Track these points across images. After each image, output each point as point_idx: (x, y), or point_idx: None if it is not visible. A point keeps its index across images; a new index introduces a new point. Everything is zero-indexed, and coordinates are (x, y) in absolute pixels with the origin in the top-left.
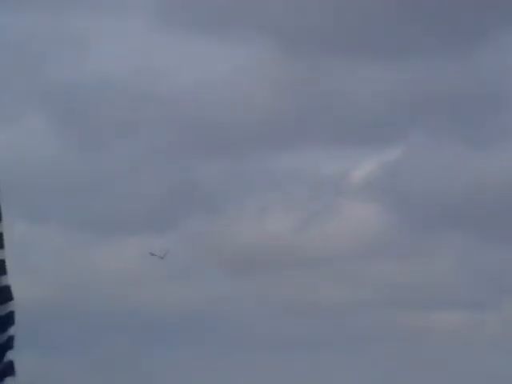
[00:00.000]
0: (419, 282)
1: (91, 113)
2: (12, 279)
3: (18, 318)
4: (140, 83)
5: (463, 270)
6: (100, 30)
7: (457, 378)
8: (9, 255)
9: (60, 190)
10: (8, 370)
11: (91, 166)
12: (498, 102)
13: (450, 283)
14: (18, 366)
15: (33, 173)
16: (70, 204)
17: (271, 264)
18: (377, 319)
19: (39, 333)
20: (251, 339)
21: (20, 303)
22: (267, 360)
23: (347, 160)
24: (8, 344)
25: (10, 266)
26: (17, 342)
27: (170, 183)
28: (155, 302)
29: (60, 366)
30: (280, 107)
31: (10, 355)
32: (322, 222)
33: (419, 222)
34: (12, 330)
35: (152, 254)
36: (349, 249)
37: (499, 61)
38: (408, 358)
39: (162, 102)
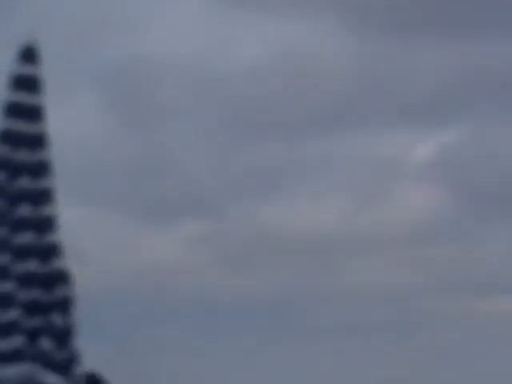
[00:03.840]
0: (478, 267)
1: (145, 94)
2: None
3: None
4: (195, 64)
5: None
6: (155, 10)
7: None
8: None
9: (111, 173)
10: (74, 359)
11: (142, 148)
12: None
13: (508, 269)
14: (83, 355)
15: (82, 154)
16: (121, 187)
17: (325, 250)
18: (432, 305)
19: (89, 321)
20: (303, 327)
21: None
22: (321, 347)
23: (407, 142)
24: (69, 331)
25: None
26: (80, 330)
27: (222, 167)
28: (206, 290)
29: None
30: (339, 88)
31: (74, 344)
32: (379, 205)
33: (480, 207)
34: (73, 317)
35: None
36: (407, 233)
37: None
38: (461, 345)
39: (216, 83)
